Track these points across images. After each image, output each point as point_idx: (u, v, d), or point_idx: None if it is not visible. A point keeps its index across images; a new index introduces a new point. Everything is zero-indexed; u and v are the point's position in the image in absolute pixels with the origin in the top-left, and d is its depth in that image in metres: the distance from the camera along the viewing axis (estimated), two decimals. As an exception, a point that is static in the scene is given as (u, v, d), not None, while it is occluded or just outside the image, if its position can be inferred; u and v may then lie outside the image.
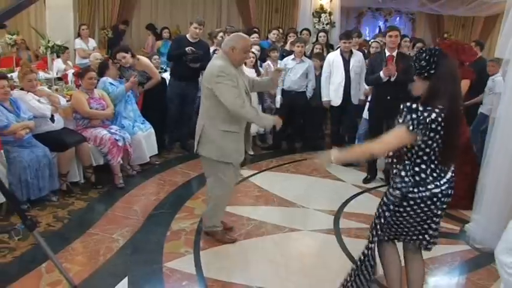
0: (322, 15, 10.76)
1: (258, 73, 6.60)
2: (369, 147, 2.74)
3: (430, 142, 2.58)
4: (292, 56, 6.82)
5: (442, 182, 2.69)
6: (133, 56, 5.93)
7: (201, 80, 5.36)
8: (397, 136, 2.60)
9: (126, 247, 3.93)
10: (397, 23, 13.67)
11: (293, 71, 6.71)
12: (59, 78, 6.82)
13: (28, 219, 2.89)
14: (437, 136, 2.55)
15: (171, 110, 6.50)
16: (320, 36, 8.22)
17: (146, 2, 12.04)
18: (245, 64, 6.43)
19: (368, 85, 6.16)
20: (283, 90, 6.79)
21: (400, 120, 2.56)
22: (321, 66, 6.78)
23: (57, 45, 7.00)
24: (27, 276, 3.39)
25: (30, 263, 3.55)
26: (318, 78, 6.80)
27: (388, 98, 5.42)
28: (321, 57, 7.03)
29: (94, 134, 5.18)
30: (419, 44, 6.25)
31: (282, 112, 6.87)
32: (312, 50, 7.69)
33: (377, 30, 13.01)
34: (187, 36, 6.38)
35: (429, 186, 2.65)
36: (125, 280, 3.42)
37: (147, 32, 11.35)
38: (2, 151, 4.29)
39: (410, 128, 2.51)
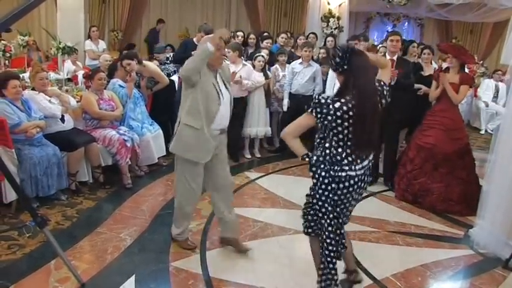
0: (331, 19, 10.81)
1: (266, 77, 6.65)
2: (284, 132, 2.99)
3: (340, 128, 2.82)
4: (299, 60, 6.87)
5: (357, 167, 2.91)
6: (139, 62, 5.96)
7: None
8: (303, 117, 2.93)
9: (133, 246, 3.98)
10: (406, 28, 13.71)
11: (300, 75, 6.75)
12: (69, 79, 6.90)
13: (38, 217, 2.96)
14: (345, 124, 2.80)
15: (177, 112, 6.54)
16: (328, 41, 8.26)
17: (156, 5, 12.13)
18: (253, 67, 6.51)
19: None
20: (290, 94, 6.84)
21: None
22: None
23: (68, 47, 7.08)
24: (36, 272, 3.45)
25: (39, 259, 3.62)
26: (325, 82, 6.83)
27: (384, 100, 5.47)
28: (327, 62, 7.06)
29: (103, 134, 5.25)
30: (426, 50, 6.26)
31: (289, 115, 6.93)
32: (318, 54, 7.72)
33: (385, 35, 13.01)
34: (195, 40, 6.44)
35: (344, 168, 2.87)
36: (132, 278, 3.48)
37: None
38: (13, 150, 4.36)
39: (309, 111, 2.85)
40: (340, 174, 2.87)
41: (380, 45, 7.87)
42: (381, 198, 5.56)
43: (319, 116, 2.82)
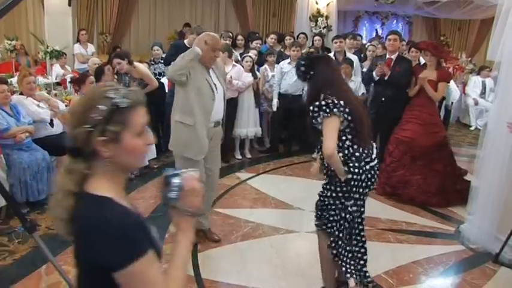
0: (319, 19, 10.80)
1: (255, 77, 6.65)
2: (326, 152, 2.87)
3: (352, 125, 2.91)
4: (288, 60, 6.88)
5: (372, 158, 3.01)
6: (130, 63, 5.93)
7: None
8: (328, 126, 2.86)
9: (124, 249, 3.97)
10: (394, 26, 13.72)
11: (289, 75, 6.75)
12: (58, 84, 6.87)
13: (28, 222, 2.94)
14: (349, 118, 2.87)
15: (168, 114, 6.52)
16: (315, 40, 8.28)
17: (144, 7, 12.09)
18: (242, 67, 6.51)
19: (364, 84, 6.27)
20: (279, 94, 6.84)
21: (319, 119, 2.86)
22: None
23: (56, 51, 7.05)
24: (27, 278, 3.44)
25: (30, 265, 3.60)
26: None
27: (383, 99, 5.53)
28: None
29: (93, 138, 5.22)
30: (413, 48, 6.32)
31: (279, 115, 6.94)
32: (307, 54, 7.73)
33: (374, 34, 13.07)
34: (186, 42, 6.43)
35: (367, 160, 2.96)
36: (124, 282, 3.46)
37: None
38: (1, 155, 4.34)
39: (329, 114, 2.82)
40: (365, 168, 2.94)
41: (368, 44, 7.88)
42: (372, 195, 5.55)
43: (341, 114, 2.84)
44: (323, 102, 2.83)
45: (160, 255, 1.40)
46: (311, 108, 2.89)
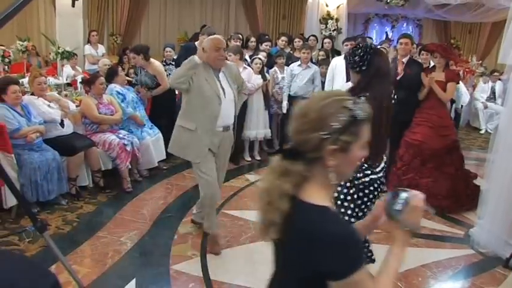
0: (329, 21, 10.80)
1: (264, 79, 6.66)
2: None
3: None
4: (298, 62, 6.88)
5: (377, 170, 2.83)
6: (146, 58, 5.99)
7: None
8: None
9: (133, 250, 3.99)
10: (404, 29, 13.69)
11: (299, 77, 6.76)
12: (69, 84, 6.91)
13: (38, 221, 2.96)
14: None
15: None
16: (325, 43, 8.28)
17: (155, 9, 12.14)
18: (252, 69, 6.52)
19: None
20: (289, 96, 6.84)
21: None
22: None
23: (67, 52, 7.09)
24: (37, 277, 3.45)
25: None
26: (324, 84, 6.85)
27: (393, 102, 5.50)
28: (327, 64, 7.07)
29: (103, 138, 5.26)
30: (423, 51, 6.30)
31: (289, 117, 6.93)
32: (317, 56, 7.73)
33: (384, 37, 13.03)
34: (197, 43, 6.45)
35: (367, 172, 2.77)
36: (133, 282, 3.48)
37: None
38: (12, 155, 4.37)
39: None
40: (364, 180, 2.79)
41: (379, 46, 7.87)
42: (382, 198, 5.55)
43: None
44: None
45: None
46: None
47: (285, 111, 6.87)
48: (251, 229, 4.50)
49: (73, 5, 8.05)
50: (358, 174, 2.77)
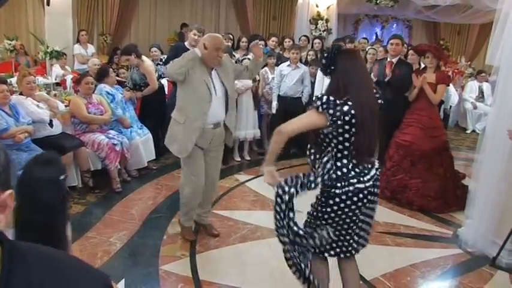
0: (319, 22, 10.84)
1: (254, 80, 6.66)
2: (280, 128, 2.66)
3: (347, 136, 2.58)
4: (287, 63, 6.89)
5: (365, 179, 2.64)
6: (138, 56, 5.99)
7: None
8: (307, 115, 2.66)
9: (123, 250, 3.98)
10: (394, 30, 13.76)
11: (289, 77, 6.78)
12: (58, 84, 6.88)
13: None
14: (352, 130, 2.56)
15: (169, 116, 6.53)
16: (315, 43, 8.31)
17: (145, 9, 12.11)
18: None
19: None
20: (279, 96, 6.86)
21: (308, 108, 2.63)
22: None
23: (56, 51, 7.05)
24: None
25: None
26: (313, 84, 6.87)
27: (383, 102, 5.54)
28: (317, 64, 7.10)
29: (92, 138, 5.24)
30: (410, 51, 6.34)
31: (278, 117, 6.94)
32: (306, 57, 7.75)
33: (374, 37, 13.09)
34: (186, 43, 6.45)
35: (352, 181, 2.59)
36: (122, 282, 3.47)
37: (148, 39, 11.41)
38: (0, 155, 4.33)
39: (320, 109, 2.54)
40: (347, 189, 2.59)
41: (369, 47, 7.91)
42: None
43: (330, 118, 2.53)
44: (325, 97, 2.55)
45: None
46: (314, 99, 2.64)
47: (274, 111, 6.89)
48: (240, 229, 4.50)
49: (48, 4, 8.03)
50: (342, 182, 2.60)
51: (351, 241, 2.82)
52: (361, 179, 2.63)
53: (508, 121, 3.86)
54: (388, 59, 5.80)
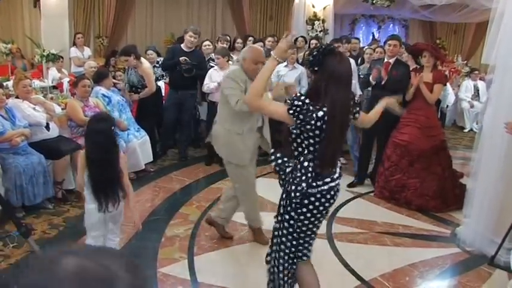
0: (316, 22, 10.85)
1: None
2: (251, 99, 2.72)
3: (317, 139, 2.55)
4: (285, 63, 6.88)
5: (335, 177, 2.67)
6: (137, 57, 5.98)
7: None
8: (279, 107, 2.63)
9: (120, 253, 3.96)
10: (391, 30, 13.77)
11: (286, 78, 6.77)
12: (54, 87, 6.86)
13: (23, 226, 2.95)
14: (323, 135, 2.53)
15: (166, 118, 6.55)
16: (312, 44, 8.31)
17: (141, 11, 12.09)
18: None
19: (361, 88, 6.26)
20: (276, 97, 6.84)
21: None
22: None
23: (52, 54, 7.04)
24: (22, 282, 3.42)
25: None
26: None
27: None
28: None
29: (89, 141, 5.22)
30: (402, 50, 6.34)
31: (274, 119, 6.94)
32: (303, 57, 7.75)
33: (370, 37, 13.10)
34: (182, 45, 6.44)
35: (326, 180, 2.61)
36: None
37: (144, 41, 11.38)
38: (-3, 159, 4.33)
39: (291, 111, 2.49)
40: (322, 188, 2.60)
41: (366, 47, 7.92)
42: (368, 199, 5.58)
43: (298, 122, 2.51)
44: (302, 98, 2.48)
45: None
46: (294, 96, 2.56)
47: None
48: (238, 231, 4.49)
49: (35, 6, 8.03)
50: (309, 182, 2.57)
51: (311, 241, 2.86)
52: (333, 176, 2.66)
53: (505, 120, 3.86)
54: (386, 60, 5.78)
